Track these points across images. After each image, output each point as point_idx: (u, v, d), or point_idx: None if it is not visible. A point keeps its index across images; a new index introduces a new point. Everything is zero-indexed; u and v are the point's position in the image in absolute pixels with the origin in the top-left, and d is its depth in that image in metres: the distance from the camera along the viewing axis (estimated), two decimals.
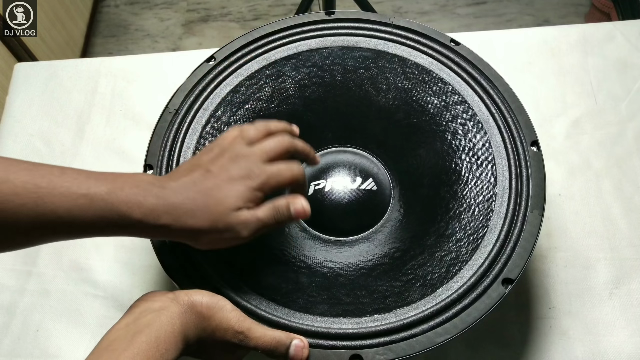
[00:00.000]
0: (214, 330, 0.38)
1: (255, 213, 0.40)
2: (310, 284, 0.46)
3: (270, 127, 0.44)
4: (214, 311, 0.38)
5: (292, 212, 0.41)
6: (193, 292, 0.39)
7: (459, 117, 0.52)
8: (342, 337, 0.42)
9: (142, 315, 0.35)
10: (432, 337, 0.41)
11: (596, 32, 0.70)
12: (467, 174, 0.50)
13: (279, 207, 0.41)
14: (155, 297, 0.38)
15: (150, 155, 0.49)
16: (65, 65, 0.72)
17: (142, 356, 0.32)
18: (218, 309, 0.38)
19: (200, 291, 0.39)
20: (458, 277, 0.44)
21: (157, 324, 0.35)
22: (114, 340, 0.34)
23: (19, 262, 0.60)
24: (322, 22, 0.56)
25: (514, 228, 0.46)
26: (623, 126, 0.64)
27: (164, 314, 0.36)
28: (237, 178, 0.40)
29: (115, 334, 0.34)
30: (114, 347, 0.33)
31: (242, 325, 0.39)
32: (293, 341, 0.40)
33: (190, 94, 0.52)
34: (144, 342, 0.33)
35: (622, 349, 0.53)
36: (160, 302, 0.37)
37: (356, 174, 0.55)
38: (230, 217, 0.39)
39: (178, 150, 0.50)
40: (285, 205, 0.41)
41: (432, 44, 0.55)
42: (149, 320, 0.35)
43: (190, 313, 0.37)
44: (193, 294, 0.39)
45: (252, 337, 0.39)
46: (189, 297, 0.38)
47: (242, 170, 0.40)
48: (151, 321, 0.35)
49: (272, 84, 0.54)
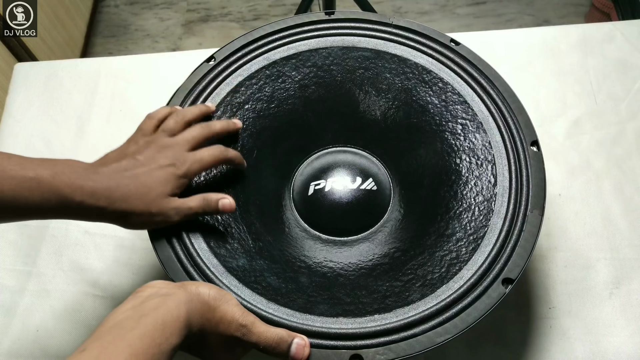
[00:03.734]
0: (218, 322, 0.38)
1: (187, 202, 0.44)
2: (310, 284, 0.46)
3: (187, 116, 0.48)
4: (220, 302, 0.39)
5: (220, 205, 0.45)
6: (200, 283, 0.40)
7: (459, 117, 0.52)
8: (342, 337, 0.42)
9: (149, 299, 0.36)
10: (432, 337, 0.41)
11: (596, 32, 0.70)
12: (467, 174, 0.50)
13: (209, 200, 0.45)
14: (162, 284, 0.38)
15: None
16: (65, 65, 0.72)
17: (148, 338, 0.33)
18: (224, 302, 0.39)
19: (207, 284, 0.40)
20: (458, 277, 0.44)
21: (164, 307, 0.35)
22: (120, 320, 0.34)
23: (19, 262, 0.60)
24: (322, 22, 0.56)
25: (514, 228, 0.46)
26: (623, 126, 0.64)
27: (171, 298, 0.36)
28: (164, 166, 0.44)
29: (121, 315, 0.35)
30: (120, 326, 0.33)
31: (246, 319, 0.39)
32: (295, 339, 0.40)
33: (190, 94, 0.52)
34: (150, 323, 0.33)
35: (622, 349, 0.53)
36: (167, 288, 0.37)
37: (356, 174, 0.55)
38: (162, 203, 0.43)
39: None
40: (215, 199, 0.45)
41: (432, 44, 0.55)
42: (156, 303, 0.35)
43: (197, 301, 0.37)
44: (200, 285, 0.39)
45: (255, 332, 0.39)
46: (197, 287, 0.39)
47: (167, 159, 0.44)
48: (158, 304, 0.35)
49: (272, 84, 0.54)
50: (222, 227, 0.48)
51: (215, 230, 0.47)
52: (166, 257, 0.45)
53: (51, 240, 0.61)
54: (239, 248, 0.47)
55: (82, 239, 0.61)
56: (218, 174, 0.50)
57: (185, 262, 0.44)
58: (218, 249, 0.46)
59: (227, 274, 0.45)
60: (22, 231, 0.62)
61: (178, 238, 0.45)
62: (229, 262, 0.45)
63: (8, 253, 0.61)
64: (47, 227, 0.62)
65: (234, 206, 0.46)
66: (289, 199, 0.54)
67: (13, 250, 0.61)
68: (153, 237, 0.45)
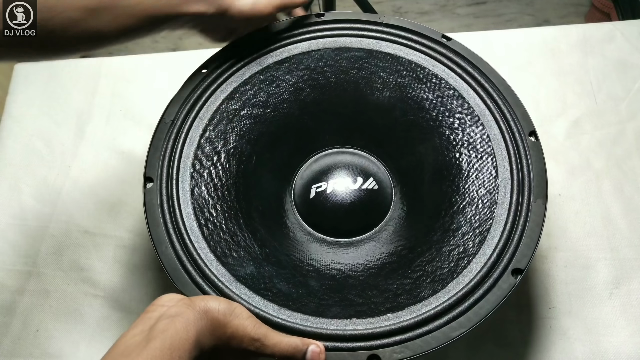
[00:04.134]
0: (230, 338, 0.38)
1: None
2: (320, 287, 0.46)
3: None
4: (230, 318, 0.38)
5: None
6: (209, 298, 0.39)
7: (456, 111, 0.52)
8: (358, 338, 0.42)
9: (157, 321, 0.36)
10: (447, 332, 0.41)
11: (596, 32, 0.70)
12: (467, 167, 0.50)
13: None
14: (171, 303, 0.38)
15: (149, 168, 0.49)
16: (65, 65, 0.72)
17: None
18: (234, 316, 0.38)
19: (216, 297, 0.39)
20: (467, 270, 0.44)
21: (172, 330, 0.35)
22: (129, 345, 0.34)
23: (19, 262, 0.60)
24: (312, 24, 0.56)
25: (519, 218, 0.46)
26: (623, 126, 0.64)
27: (179, 320, 0.36)
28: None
29: (131, 339, 0.35)
30: (128, 352, 0.33)
31: (258, 332, 0.39)
32: (310, 347, 0.40)
33: (185, 103, 0.52)
34: (157, 348, 0.33)
35: (622, 349, 0.53)
36: (176, 307, 0.37)
37: (356, 174, 0.55)
38: None
39: (177, 160, 0.49)
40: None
41: (424, 40, 0.55)
42: (164, 326, 0.35)
43: (206, 319, 0.37)
44: (209, 300, 0.38)
45: (269, 344, 0.39)
46: (205, 302, 0.38)
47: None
48: (166, 327, 0.35)
49: (266, 88, 0.54)
50: (227, 235, 0.47)
51: (220, 239, 0.47)
52: (173, 269, 0.44)
53: (51, 240, 0.61)
54: (246, 255, 0.47)
55: (82, 239, 0.61)
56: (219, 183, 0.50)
57: (193, 274, 0.44)
58: (225, 257, 0.46)
59: (236, 283, 0.44)
60: (22, 231, 0.62)
61: (184, 249, 0.45)
62: (237, 271, 0.45)
63: (8, 253, 0.61)
64: (47, 227, 0.62)
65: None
66: (291, 203, 0.54)
67: (13, 250, 0.61)
68: (158, 249, 0.45)
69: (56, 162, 0.66)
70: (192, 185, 0.49)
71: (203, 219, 0.47)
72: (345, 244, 0.52)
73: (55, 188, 0.64)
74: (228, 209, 0.49)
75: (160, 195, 0.47)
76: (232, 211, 0.49)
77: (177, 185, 0.48)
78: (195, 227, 0.47)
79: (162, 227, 0.46)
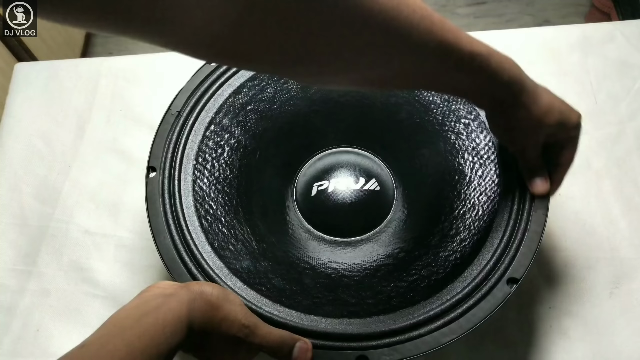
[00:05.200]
0: (221, 321, 0.38)
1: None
2: (314, 285, 0.46)
3: None
4: (223, 302, 0.39)
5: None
6: (204, 283, 0.40)
7: (462, 116, 0.52)
8: (348, 338, 0.42)
9: (153, 299, 0.36)
10: (438, 337, 0.41)
11: (596, 32, 0.70)
12: (470, 173, 0.50)
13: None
14: (167, 285, 0.39)
15: (153, 158, 0.49)
16: (65, 65, 0.72)
17: (147, 337, 0.33)
18: (227, 301, 0.39)
19: (211, 283, 0.40)
20: (463, 277, 0.44)
21: (166, 307, 0.35)
22: (122, 319, 0.35)
23: (19, 262, 0.60)
24: None
25: (518, 227, 0.46)
26: (623, 126, 0.64)
27: (174, 298, 0.36)
28: None
29: (123, 313, 0.35)
30: (121, 325, 0.34)
31: (249, 320, 0.39)
32: (297, 343, 0.40)
33: (192, 95, 0.52)
34: (150, 323, 0.34)
35: (622, 349, 0.53)
36: (171, 288, 0.38)
37: (359, 175, 0.55)
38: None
39: (181, 152, 0.50)
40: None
41: None
42: (158, 303, 0.36)
43: (200, 300, 0.38)
44: (204, 284, 0.39)
45: (258, 334, 0.39)
46: (200, 286, 0.39)
47: None
48: (160, 304, 0.35)
49: (274, 84, 0.54)
50: (225, 228, 0.48)
51: (219, 232, 0.47)
52: (170, 259, 0.45)
53: (51, 240, 0.61)
54: (243, 250, 0.47)
55: (82, 239, 0.61)
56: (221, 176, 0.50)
57: (190, 264, 0.44)
58: (222, 250, 0.46)
59: (231, 276, 0.44)
60: (22, 231, 0.62)
61: (182, 240, 0.45)
62: (233, 264, 0.45)
63: (8, 253, 0.61)
64: (47, 227, 0.62)
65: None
66: (292, 200, 0.54)
67: (13, 250, 0.61)
68: (157, 239, 0.45)
69: (56, 162, 0.66)
70: (194, 177, 0.49)
71: (203, 211, 0.48)
72: (344, 244, 0.52)
73: (55, 188, 0.64)
74: (228, 203, 0.49)
75: (162, 186, 0.48)
76: (232, 205, 0.49)
77: (179, 177, 0.49)
78: (194, 219, 0.47)
79: (162, 217, 0.46)
